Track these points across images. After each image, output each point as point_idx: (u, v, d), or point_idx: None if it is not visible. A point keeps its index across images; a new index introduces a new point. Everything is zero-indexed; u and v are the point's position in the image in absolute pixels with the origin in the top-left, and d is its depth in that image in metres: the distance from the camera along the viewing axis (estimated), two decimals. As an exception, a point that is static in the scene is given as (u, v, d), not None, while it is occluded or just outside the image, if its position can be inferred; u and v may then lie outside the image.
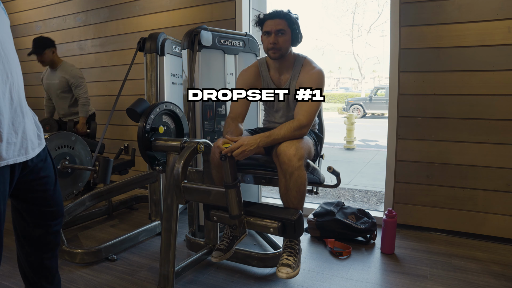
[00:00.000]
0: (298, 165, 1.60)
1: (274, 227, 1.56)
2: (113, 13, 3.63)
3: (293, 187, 1.61)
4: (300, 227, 1.58)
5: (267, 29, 1.80)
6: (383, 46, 27.70)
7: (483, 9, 2.23)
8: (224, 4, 3.03)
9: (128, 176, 2.69)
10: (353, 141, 7.45)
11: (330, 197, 3.95)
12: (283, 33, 1.78)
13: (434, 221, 2.50)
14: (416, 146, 2.50)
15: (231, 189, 1.56)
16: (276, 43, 1.77)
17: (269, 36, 1.79)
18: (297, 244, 1.65)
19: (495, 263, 2.06)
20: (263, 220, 1.59)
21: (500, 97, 2.25)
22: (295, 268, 1.57)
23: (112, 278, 1.91)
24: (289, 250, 1.63)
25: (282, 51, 1.80)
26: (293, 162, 1.58)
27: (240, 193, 1.59)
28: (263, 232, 1.69)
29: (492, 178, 2.32)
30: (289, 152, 1.59)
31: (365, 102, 14.57)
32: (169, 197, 1.71)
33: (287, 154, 1.59)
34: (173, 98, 2.60)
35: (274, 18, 1.79)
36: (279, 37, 1.77)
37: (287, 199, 1.65)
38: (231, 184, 1.55)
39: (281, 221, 1.56)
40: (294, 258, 1.60)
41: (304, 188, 1.64)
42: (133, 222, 2.78)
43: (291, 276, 1.54)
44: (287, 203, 1.65)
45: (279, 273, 1.54)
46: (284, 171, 1.61)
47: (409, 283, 1.85)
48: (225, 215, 1.64)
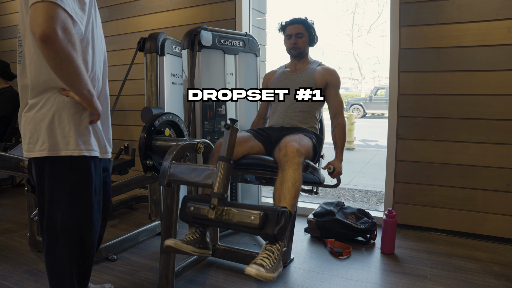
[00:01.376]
0: (299, 161, 1.63)
1: (256, 215, 1.39)
2: (113, 13, 3.63)
3: (290, 178, 1.58)
4: (284, 223, 1.41)
5: (288, 33, 2.19)
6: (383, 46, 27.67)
7: (483, 9, 2.23)
8: (224, 4, 3.03)
9: (128, 176, 2.69)
10: (353, 141, 7.45)
11: (330, 197, 3.95)
12: (301, 36, 2.17)
13: (434, 221, 2.50)
14: (416, 146, 2.50)
15: (224, 161, 1.47)
16: (296, 43, 2.17)
17: (290, 39, 2.18)
18: (278, 250, 1.42)
19: (495, 263, 2.06)
20: (244, 210, 1.43)
21: (500, 97, 2.25)
22: (269, 271, 1.33)
23: (112, 278, 1.91)
24: (266, 253, 1.40)
25: (301, 50, 2.20)
26: (295, 156, 1.62)
27: (230, 173, 1.48)
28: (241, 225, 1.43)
29: (492, 178, 2.32)
30: (293, 146, 1.65)
31: (365, 102, 14.57)
32: (169, 197, 1.71)
33: (291, 147, 1.64)
34: (173, 98, 2.60)
35: (293, 23, 2.18)
36: (298, 39, 2.17)
37: (281, 192, 1.57)
38: (225, 157, 1.48)
39: (264, 211, 1.41)
40: (271, 262, 1.37)
41: (299, 185, 1.60)
42: (133, 222, 2.78)
43: (262, 275, 1.31)
44: (279, 198, 1.57)
45: (247, 268, 1.32)
46: (284, 163, 1.62)
47: (409, 283, 1.85)
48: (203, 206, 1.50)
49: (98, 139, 1.29)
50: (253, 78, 2.62)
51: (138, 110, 3.52)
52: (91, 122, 1.24)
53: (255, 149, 1.95)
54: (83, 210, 1.28)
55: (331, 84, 2.15)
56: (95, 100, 1.20)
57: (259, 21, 3.14)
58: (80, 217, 1.27)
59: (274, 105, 2.23)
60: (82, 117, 1.21)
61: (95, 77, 1.25)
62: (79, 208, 1.27)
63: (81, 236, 1.29)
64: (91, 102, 1.18)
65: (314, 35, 2.20)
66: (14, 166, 2.18)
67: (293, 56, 2.24)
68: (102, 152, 1.31)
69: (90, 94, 1.16)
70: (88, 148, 1.22)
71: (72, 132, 1.19)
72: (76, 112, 1.20)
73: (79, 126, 1.20)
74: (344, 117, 2.13)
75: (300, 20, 2.18)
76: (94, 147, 1.25)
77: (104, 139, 1.32)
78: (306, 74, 2.17)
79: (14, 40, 4.40)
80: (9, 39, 4.39)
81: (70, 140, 1.19)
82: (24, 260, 2.11)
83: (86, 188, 1.27)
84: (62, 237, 1.26)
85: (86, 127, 1.22)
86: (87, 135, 1.22)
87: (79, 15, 1.09)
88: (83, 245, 1.29)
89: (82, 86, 1.12)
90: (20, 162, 2.15)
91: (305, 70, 2.20)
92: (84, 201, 1.27)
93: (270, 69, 2.46)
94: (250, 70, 2.59)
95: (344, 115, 2.15)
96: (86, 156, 1.22)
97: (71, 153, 1.19)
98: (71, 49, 1.03)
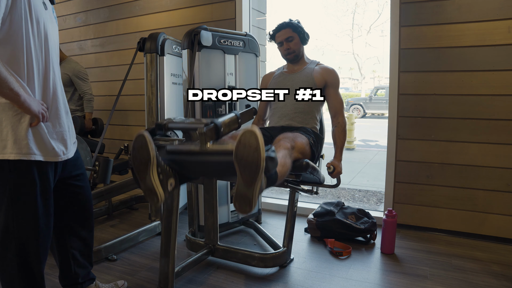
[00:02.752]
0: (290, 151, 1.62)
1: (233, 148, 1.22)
2: (113, 13, 3.62)
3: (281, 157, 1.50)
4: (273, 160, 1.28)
5: (279, 40, 2.19)
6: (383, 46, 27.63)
7: (483, 9, 2.23)
8: (224, 4, 3.03)
9: (128, 176, 2.69)
10: (353, 141, 7.45)
11: (330, 197, 3.95)
12: (292, 39, 2.16)
13: (434, 221, 2.50)
14: (416, 146, 2.50)
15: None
16: (289, 48, 2.17)
17: (282, 45, 2.19)
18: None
19: (495, 263, 2.06)
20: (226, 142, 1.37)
21: (500, 97, 2.25)
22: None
23: (112, 278, 1.91)
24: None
25: (296, 53, 2.20)
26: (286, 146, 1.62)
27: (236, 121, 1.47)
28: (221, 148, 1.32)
29: (492, 178, 2.32)
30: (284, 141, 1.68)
31: (365, 102, 14.55)
32: (169, 197, 1.71)
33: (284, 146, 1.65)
34: (173, 98, 2.60)
35: (280, 30, 2.18)
36: (290, 43, 2.17)
37: None
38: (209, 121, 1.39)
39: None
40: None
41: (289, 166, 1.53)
42: (133, 222, 2.78)
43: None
44: None
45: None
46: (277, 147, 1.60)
47: (409, 283, 1.85)
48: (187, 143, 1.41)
49: (42, 142, 1.23)
50: (253, 78, 2.62)
51: (138, 110, 3.54)
52: (32, 125, 1.19)
53: None
54: (27, 215, 1.24)
55: (330, 83, 2.14)
56: (24, 100, 1.13)
57: (259, 21, 3.14)
58: (24, 222, 1.24)
59: (274, 105, 2.22)
60: (22, 120, 1.17)
61: (31, 75, 1.19)
62: (22, 213, 1.24)
63: (27, 241, 1.26)
64: (18, 101, 1.13)
65: (304, 33, 2.18)
66: None
67: (290, 61, 2.24)
68: (48, 155, 1.25)
69: (13, 93, 1.11)
70: (27, 152, 1.18)
71: (9, 136, 1.16)
72: (15, 114, 1.17)
73: (16, 129, 1.17)
74: (344, 117, 2.13)
75: (285, 24, 2.17)
76: (34, 150, 1.20)
77: (50, 141, 1.26)
78: (305, 74, 2.17)
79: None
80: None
81: (7, 143, 1.16)
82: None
83: (28, 193, 1.23)
84: (8, 241, 1.24)
85: (25, 129, 1.18)
86: (25, 138, 1.18)
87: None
88: (28, 250, 1.27)
89: (0, 85, 1.07)
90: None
91: (303, 70, 2.20)
92: (27, 206, 1.24)
93: (270, 69, 2.46)
94: (250, 70, 2.59)
95: (344, 115, 2.15)
96: (25, 160, 1.19)
97: (8, 157, 1.16)
98: None
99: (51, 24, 1.27)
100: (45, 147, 1.24)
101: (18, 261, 1.25)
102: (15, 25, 1.13)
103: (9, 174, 1.19)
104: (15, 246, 1.24)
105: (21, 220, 1.24)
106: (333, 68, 2.20)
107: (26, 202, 1.24)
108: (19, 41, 1.15)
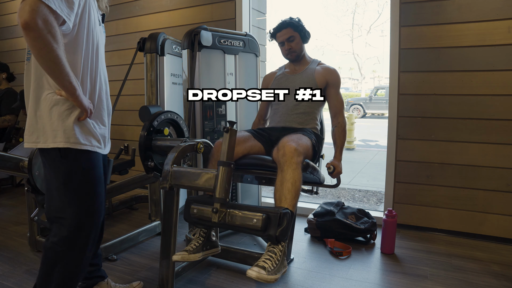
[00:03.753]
0: (297, 160, 1.62)
1: (258, 218, 1.41)
2: (113, 13, 3.62)
3: (289, 178, 1.57)
4: (286, 224, 1.42)
5: (280, 40, 2.17)
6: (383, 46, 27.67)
7: (483, 9, 2.23)
8: (224, 4, 3.03)
9: (128, 176, 2.69)
10: (353, 141, 7.45)
11: (330, 197, 3.95)
12: (293, 38, 2.14)
13: (434, 221, 2.50)
14: (416, 146, 2.50)
15: (224, 166, 1.48)
16: (290, 48, 2.15)
17: (283, 45, 2.17)
18: (280, 251, 1.44)
19: (495, 263, 2.06)
20: (246, 212, 1.45)
21: (500, 97, 2.25)
22: (270, 273, 1.34)
23: (112, 278, 1.91)
24: (269, 254, 1.42)
25: (297, 52, 2.18)
26: (293, 155, 1.61)
27: (230, 177, 1.50)
28: (244, 227, 1.46)
29: (492, 178, 2.32)
30: (291, 146, 1.64)
31: (365, 102, 14.56)
32: (169, 197, 1.71)
33: (289, 147, 1.63)
34: (173, 98, 2.60)
35: (281, 29, 2.15)
36: (291, 43, 2.15)
37: (281, 193, 1.56)
38: (225, 162, 1.48)
39: (266, 213, 1.43)
40: (273, 264, 1.38)
41: (299, 185, 1.59)
42: (133, 222, 2.78)
43: (262, 278, 1.32)
44: (280, 199, 1.56)
45: (248, 271, 1.34)
46: (283, 163, 1.61)
47: (409, 283, 1.85)
48: (206, 208, 1.52)
49: (89, 133, 1.36)
50: (253, 78, 2.62)
51: (138, 110, 3.53)
52: (80, 119, 1.32)
53: (254, 149, 1.95)
54: (81, 195, 1.37)
55: (332, 83, 2.14)
56: (79, 94, 1.26)
57: (259, 21, 3.14)
58: (80, 203, 1.37)
59: (274, 106, 2.22)
60: (72, 114, 1.30)
61: (84, 79, 1.33)
62: (76, 196, 1.36)
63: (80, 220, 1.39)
64: (74, 94, 1.25)
65: (305, 32, 2.16)
66: (14, 166, 2.18)
67: (292, 60, 2.23)
68: (93, 146, 1.38)
69: (72, 86, 1.23)
70: (74, 141, 1.31)
71: (59, 126, 1.29)
72: (67, 109, 1.29)
73: (66, 121, 1.29)
74: (344, 117, 2.13)
75: (286, 24, 2.14)
76: (80, 140, 1.33)
77: (94, 135, 1.39)
78: (306, 75, 2.16)
79: (14, 40, 4.40)
80: (9, 39, 4.39)
81: (57, 133, 1.28)
82: (24, 260, 2.11)
83: (79, 178, 1.36)
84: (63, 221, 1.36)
85: (73, 122, 1.30)
86: (73, 129, 1.30)
87: (65, 12, 1.17)
88: (83, 230, 1.40)
89: (63, 77, 1.20)
90: (20, 162, 2.15)
91: (305, 71, 2.19)
92: (81, 188, 1.37)
93: (270, 69, 2.46)
94: (250, 70, 2.60)
95: (344, 115, 2.14)
96: (73, 149, 1.31)
97: (58, 145, 1.29)
98: (50, 39, 1.11)
99: (101, 39, 1.44)
100: (90, 138, 1.36)
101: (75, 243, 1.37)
102: (80, 33, 1.28)
103: (60, 161, 1.31)
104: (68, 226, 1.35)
105: (76, 201, 1.36)
106: (335, 68, 2.20)
107: (78, 186, 1.36)
108: (79, 48, 1.29)
